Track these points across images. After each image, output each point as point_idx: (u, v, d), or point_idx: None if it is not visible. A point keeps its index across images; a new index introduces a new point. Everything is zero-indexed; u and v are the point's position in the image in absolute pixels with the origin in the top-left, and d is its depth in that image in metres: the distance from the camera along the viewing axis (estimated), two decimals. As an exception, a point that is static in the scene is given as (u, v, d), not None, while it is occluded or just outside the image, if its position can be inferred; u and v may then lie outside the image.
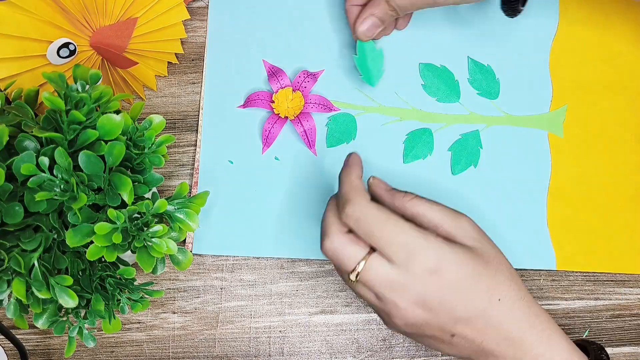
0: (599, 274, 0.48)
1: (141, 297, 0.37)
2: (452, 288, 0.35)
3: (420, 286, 0.35)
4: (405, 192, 0.39)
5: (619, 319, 0.47)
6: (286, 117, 0.47)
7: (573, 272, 0.48)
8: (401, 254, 0.35)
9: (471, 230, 0.38)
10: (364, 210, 0.36)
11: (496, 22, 0.50)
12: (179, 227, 0.35)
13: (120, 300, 0.36)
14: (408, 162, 0.48)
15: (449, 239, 0.37)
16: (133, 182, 0.34)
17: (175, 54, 0.48)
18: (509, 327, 0.36)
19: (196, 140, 0.48)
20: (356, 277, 0.36)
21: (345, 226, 0.37)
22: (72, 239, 0.32)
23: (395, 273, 0.35)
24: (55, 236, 0.34)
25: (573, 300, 0.47)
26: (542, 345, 0.37)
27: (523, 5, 0.43)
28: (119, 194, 0.33)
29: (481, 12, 0.50)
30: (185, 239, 0.47)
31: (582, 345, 0.42)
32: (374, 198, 0.39)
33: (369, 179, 0.40)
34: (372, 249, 0.36)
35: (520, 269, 0.47)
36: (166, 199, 0.35)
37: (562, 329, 0.37)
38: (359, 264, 0.36)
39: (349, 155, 0.41)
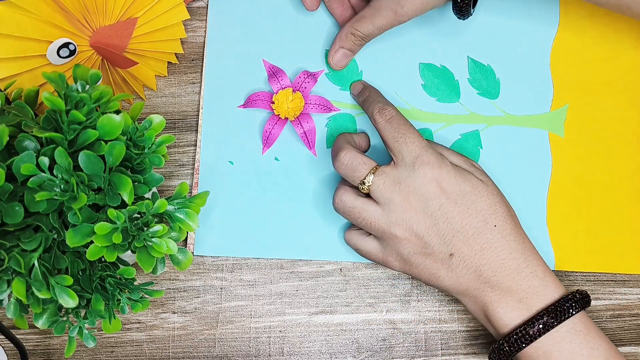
0: (599, 274, 0.48)
1: (141, 297, 0.37)
2: (451, 200, 0.39)
3: (424, 189, 0.39)
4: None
5: (619, 319, 0.47)
6: (286, 119, 0.47)
7: (573, 272, 0.48)
8: (413, 154, 0.40)
9: (482, 170, 0.42)
10: (397, 113, 0.42)
11: (496, 21, 0.50)
12: (179, 227, 0.35)
13: (120, 300, 0.36)
14: (408, 162, 0.48)
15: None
16: (133, 182, 0.34)
17: (175, 54, 0.48)
18: (504, 254, 0.39)
19: (196, 140, 0.48)
20: (370, 182, 0.40)
21: (356, 147, 0.44)
22: (72, 239, 0.32)
23: (403, 173, 0.40)
24: (55, 236, 0.34)
25: (573, 300, 0.47)
26: (536, 279, 0.39)
27: (474, 6, 0.45)
28: (119, 194, 0.33)
29: (481, 12, 0.50)
30: (186, 240, 0.47)
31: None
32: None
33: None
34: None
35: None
36: (166, 199, 0.35)
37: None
38: (370, 170, 0.40)
39: (355, 82, 0.48)
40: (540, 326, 0.37)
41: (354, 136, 0.45)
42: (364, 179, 0.40)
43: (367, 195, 0.41)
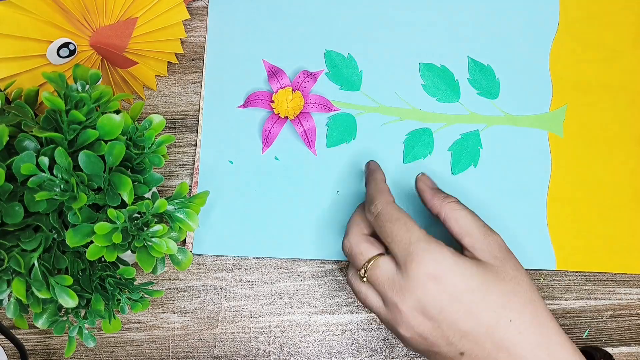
0: (599, 274, 0.48)
1: (141, 297, 0.37)
2: (454, 299, 0.34)
3: (420, 291, 0.35)
4: (448, 195, 0.40)
5: (619, 319, 0.47)
6: (286, 117, 0.47)
7: (573, 272, 0.48)
8: (402, 253, 0.36)
9: (497, 249, 0.37)
10: (384, 208, 0.38)
11: (496, 21, 0.50)
12: (179, 227, 0.35)
13: (120, 300, 0.36)
14: (408, 162, 0.48)
15: (467, 252, 0.37)
16: (133, 182, 0.34)
17: (175, 54, 0.48)
18: (523, 353, 0.34)
19: (196, 140, 0.48)
20: (364, 273, 0.37)
21: (367, 228, 0.40)
22: (72, 239, 0.32)
23: (397, 273, 0.36)
24: (55, 236, 0.34)
25: (573, 300, 0.47)
26: None
27: None
28: (119, 194, 0.33)
29: (481, 12, 0.50)
30: (185, 239, 0.47)
31: (589, 352, 0.41)
32: (419, 194, 0.42)
33: (418, 174, 0.43)
34: (386, 252, 0.37)
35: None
36: (166, 199, 0.35)
37: (562, 328, 0.37)
38: (368, 261, 0.37)
39: (369, 162, 0.44)
40: None
41: (364, 215, 0.41)
42: (360, 270, 0.38)
43: None
